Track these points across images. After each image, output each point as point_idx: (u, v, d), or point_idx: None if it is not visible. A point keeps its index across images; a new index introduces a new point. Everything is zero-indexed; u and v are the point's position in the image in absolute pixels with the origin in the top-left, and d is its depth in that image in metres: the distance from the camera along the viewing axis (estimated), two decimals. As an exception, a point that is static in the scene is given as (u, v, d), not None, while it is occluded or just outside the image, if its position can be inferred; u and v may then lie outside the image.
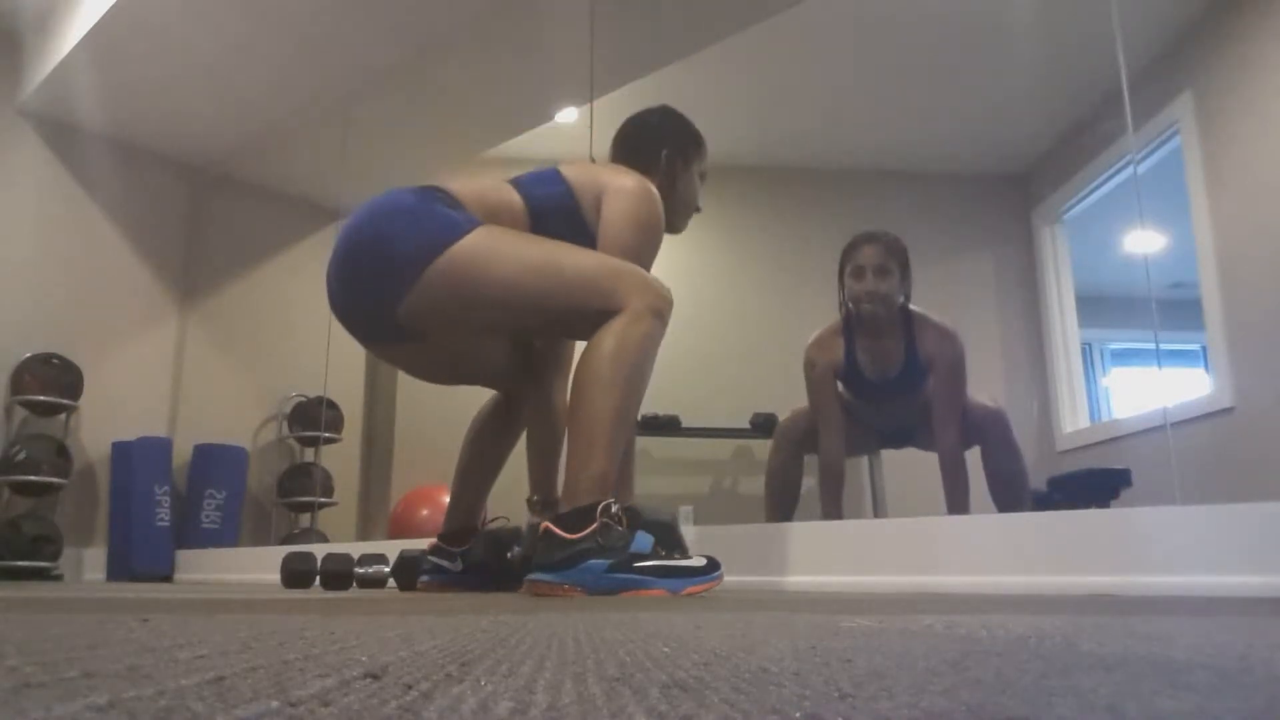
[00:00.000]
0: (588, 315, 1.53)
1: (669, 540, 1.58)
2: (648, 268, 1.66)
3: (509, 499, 2.39)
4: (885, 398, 2.66)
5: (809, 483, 2.78)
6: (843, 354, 2.63)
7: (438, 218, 1.53)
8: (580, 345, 1.60)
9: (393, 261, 1.52)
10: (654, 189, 1.71)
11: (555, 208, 1.68)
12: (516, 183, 1.71)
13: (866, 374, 2.62)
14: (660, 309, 1.54)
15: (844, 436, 2.64)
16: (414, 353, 1.72)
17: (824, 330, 2.69)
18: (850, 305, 2.61)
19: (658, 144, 1.87)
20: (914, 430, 2.74)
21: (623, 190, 1.67)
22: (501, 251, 1.53)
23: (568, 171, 1.73)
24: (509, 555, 1.84)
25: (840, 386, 2.70)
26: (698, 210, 1.97)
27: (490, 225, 1.56)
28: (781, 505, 2.72)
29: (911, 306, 2.60)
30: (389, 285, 1.53)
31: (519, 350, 1.89)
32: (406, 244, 1.51)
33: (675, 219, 1.88)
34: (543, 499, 1.88)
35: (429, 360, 1.77)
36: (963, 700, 0.30)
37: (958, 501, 2.49)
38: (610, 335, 1.49)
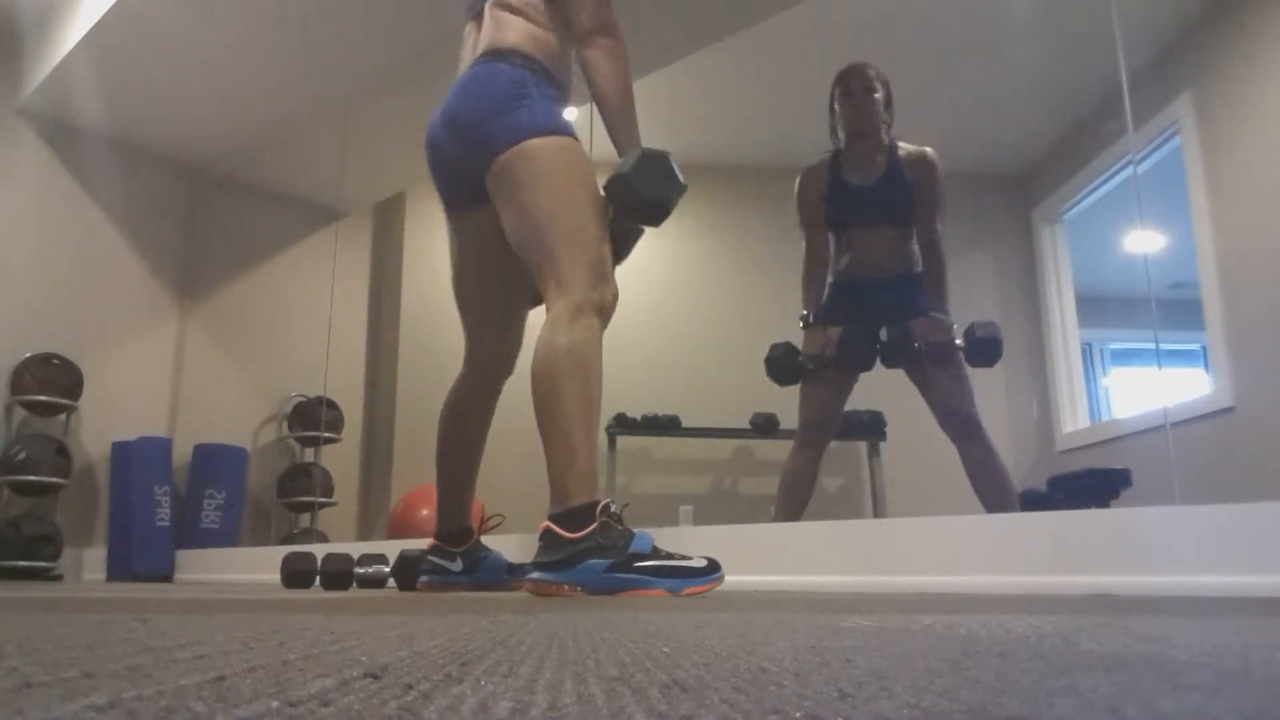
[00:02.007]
0: (541, 265, 1.64)
1: (661, 169, 1.65)
2: None
3: (507, 496, 2.38)
4: (869, 211, 2.73)
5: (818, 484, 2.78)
6: (828, 175, 2.79)
7: (526, 112, 1.66)
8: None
9: (481, 138, 1.69)
10: None
11: None
12: None
13: (851, 180, 2.75)
14: (604, 308, 1.63)
15: (826, 238, 2.80)
16: (484, 227, 1.82)
17: (813, 162, 2.85)
18: (839, 129, 2.77)
19: None
20: (904, 300, 2.73)
21: None
22: (554, 171, 1.65)
23: None
24: None
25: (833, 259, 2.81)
26: None
27: (565, 140, 1.67)
28: (790, 505, 2.72)
29: (894, 139, 2.75)
30: (479, 154, 1.70)
31: (520, 328, 1.95)
32: (495, 127, 1.67)
33: None
34: None
35: (491, 244, 1.84)
36: (963, 700, 0.30)
37: (938, 292, 2.67)
38: (561, 333, 1.55)
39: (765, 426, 3.86)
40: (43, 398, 3.71)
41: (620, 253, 1.80)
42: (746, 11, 3.38)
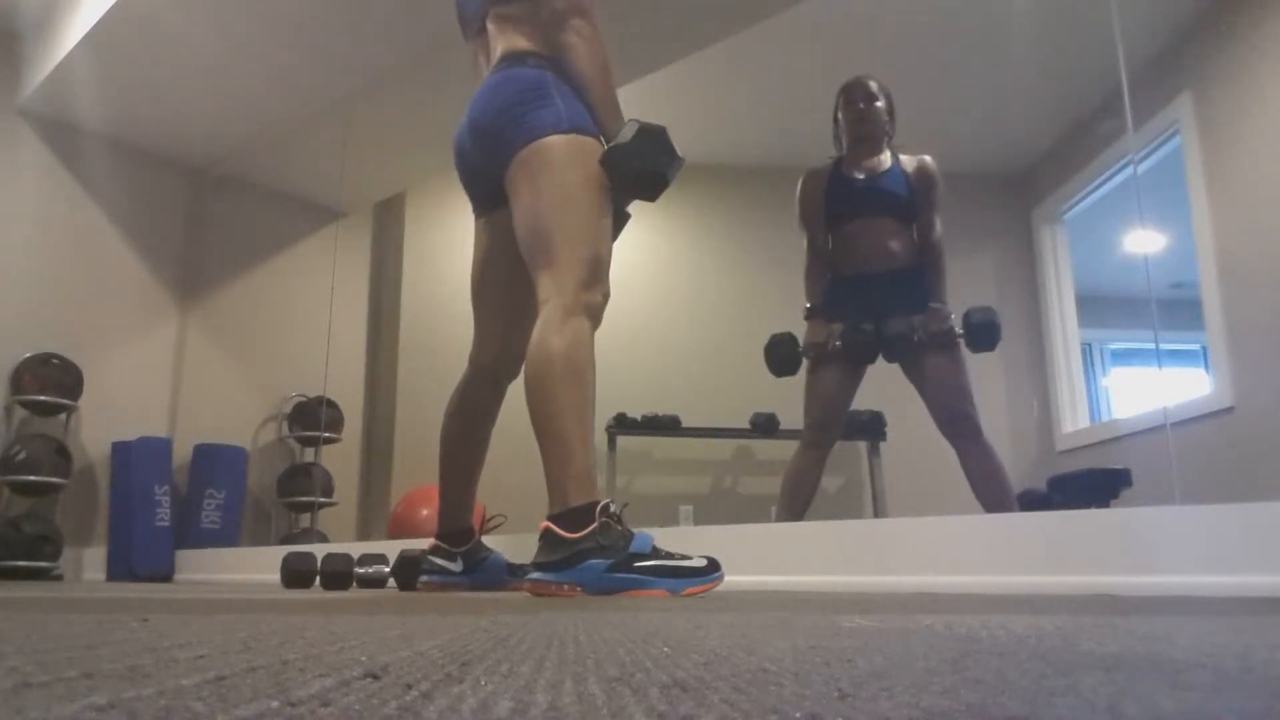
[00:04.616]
0: (539, 264, 1.65)
1: (660, 142, 1.67)
2: None
3: (508, 496, 2.38)
4: (871, 203, 2.76)
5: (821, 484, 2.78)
6: (829, 176, 2.84)
7: (549, 109, 1.68)
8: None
9: (502, 139, 1.71)
10: None
11: None
12: None
13: (854, 177, 2.79)
14: (596, 310, 1.64)
15: (827, 238, 2.84)
16: (505, 226, 1.82)
17: (817, 166, 2.90)
18: (843, 136, 2.83)
19: None
20: (903, 293, 2.73)
21: None
22: (566, 168, 1.66)
23: None
24: None
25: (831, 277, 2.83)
26: None
27: (583, 139, 1.67)
28: (794, 505, 2.72)
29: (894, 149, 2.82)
30: (500, 155, 1.72)
31: (528, 330, 1.92)
32: (515, 127, 1.69)
33: None
34: None
35: (506, 246, 1.86)
36: (963, 700, 0.30)
37: (937, 285, 2.71)
38: (553, 333, 1.56)
39: (765, 426, 3.87)
40: (43, 398, 3.71)
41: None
42: (746, 11, 3.38)
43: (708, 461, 4.65)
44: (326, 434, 4.44)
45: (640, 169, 1.65)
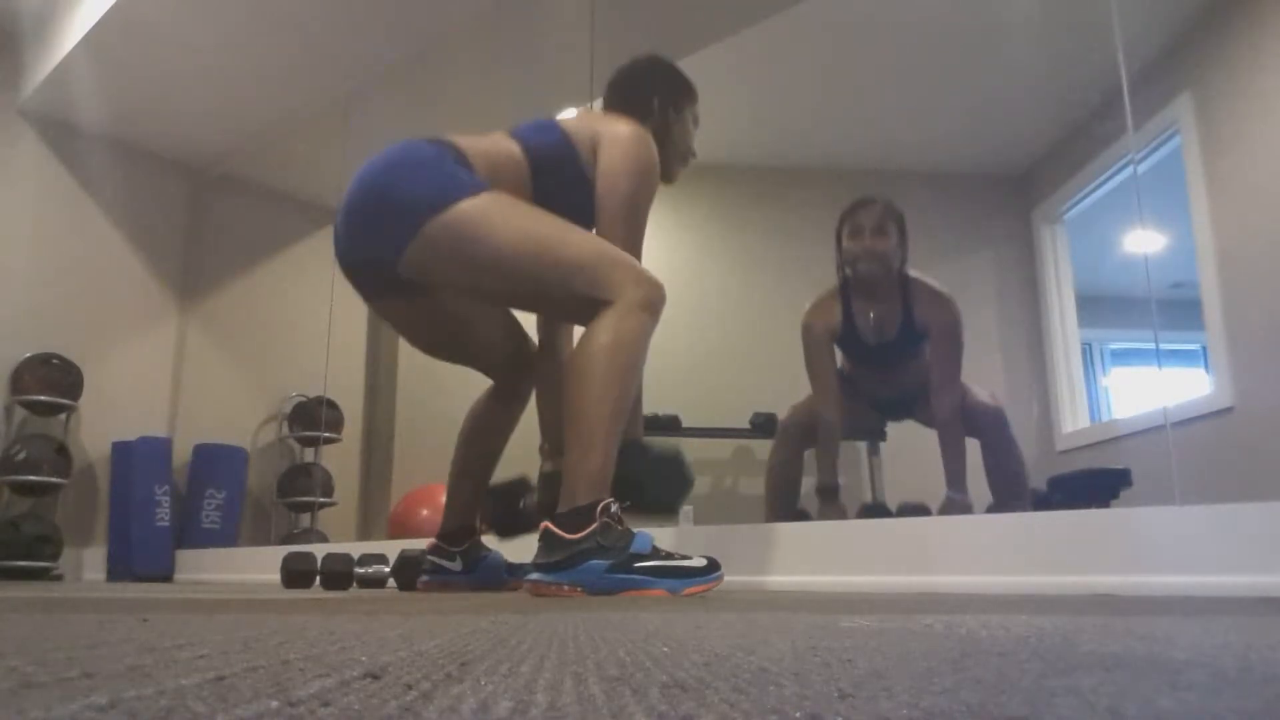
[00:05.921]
0: (578, 299, 1.54)
1: (673, 476, 1.62)
2: (644, 214, 1.69)
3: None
4: (883, 363, 2.67)
5: (809, 480, 2.78)
6: (840, 317, 2.64)
7: (447, 174, 1.55)
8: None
9: (398, 210, 1.55)
10: (648, 134, 1.73)
11: (553, 156, 1.70)
12: (515, 133, 1.74)
13: (864, 337, 2.63)
14: (653, 303, 1.54)
15: (839, 400, 2.66)
16: (414, 313, 1.76)
17: (821, 295, 2.70)
18: (848, 267, 2.62)
19: (649, 92, 1.88)
20: (913, 401, 2.72)
21: (618, 137, 1.69)
22: (506, 217, 1.54)
23: (565, 121, 1.75)
24: (520, 505, 1.82)
25: (840, 358, 2.72)
26: (692, 156, 1.98)
27: (498, 192, 1.56)
28: (782, 502, 2.72)
29: (909, 271, 2.61)
30: (393, 232, 1.55)
31: (515, 338, 1.92)
32: (413, 194, 1.54)
33: (670, 166, 1.89)
34: (553, 445, 1.83)
35: (429, 323, 1.80)
36: (963, 700, 0.30)
37: (955, 472, 2.49)
38: (605, 330, 1.49)
39: (765, 426, 3.86)
40: (43, 398, 3.71)
41: None
42: (746, 11, 3.38)
43: (708, 461, 4.64)
44: (326, 434, 4.44)
45: (651, 499, 1.61)
